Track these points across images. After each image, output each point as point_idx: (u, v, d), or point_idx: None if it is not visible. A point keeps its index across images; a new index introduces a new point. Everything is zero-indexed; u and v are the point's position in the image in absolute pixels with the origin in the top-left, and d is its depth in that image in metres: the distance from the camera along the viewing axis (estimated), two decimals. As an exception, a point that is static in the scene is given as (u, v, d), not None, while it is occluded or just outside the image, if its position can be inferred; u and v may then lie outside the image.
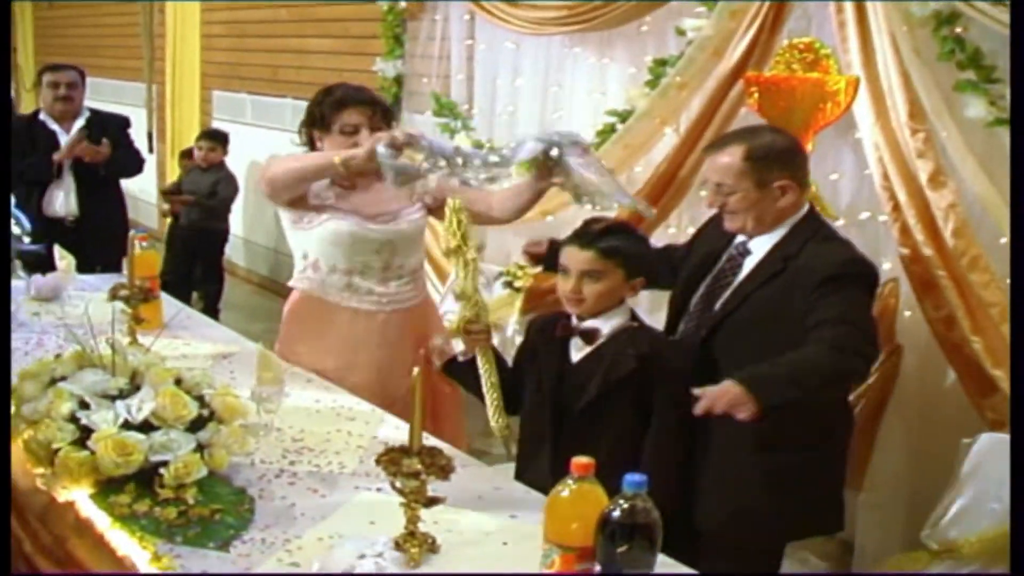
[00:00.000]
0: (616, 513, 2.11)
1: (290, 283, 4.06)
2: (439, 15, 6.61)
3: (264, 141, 9.22)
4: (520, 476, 3.28)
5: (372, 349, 3.96)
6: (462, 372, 3.34)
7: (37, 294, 4.69)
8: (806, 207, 3.48)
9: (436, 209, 3.92)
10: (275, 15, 9.20)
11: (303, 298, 4.03)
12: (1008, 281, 4.04)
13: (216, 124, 9.53)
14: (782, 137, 3.57)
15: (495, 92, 6.31)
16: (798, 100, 4.50)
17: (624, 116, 5.22)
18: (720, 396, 2.90)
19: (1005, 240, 3.94)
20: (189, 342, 4.11)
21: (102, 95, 11.95)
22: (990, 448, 3.68)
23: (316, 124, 3.92)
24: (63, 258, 4.91)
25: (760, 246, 3.42)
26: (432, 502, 2.45)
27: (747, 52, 4.72)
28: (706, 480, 3.35)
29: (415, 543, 2.39)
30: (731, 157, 3.40)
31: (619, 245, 3.27)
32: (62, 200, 6.84)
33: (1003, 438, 3.64)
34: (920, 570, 3.87)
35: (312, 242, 3.93)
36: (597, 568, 2.14)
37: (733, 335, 3.36)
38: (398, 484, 2.43)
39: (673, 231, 5.06)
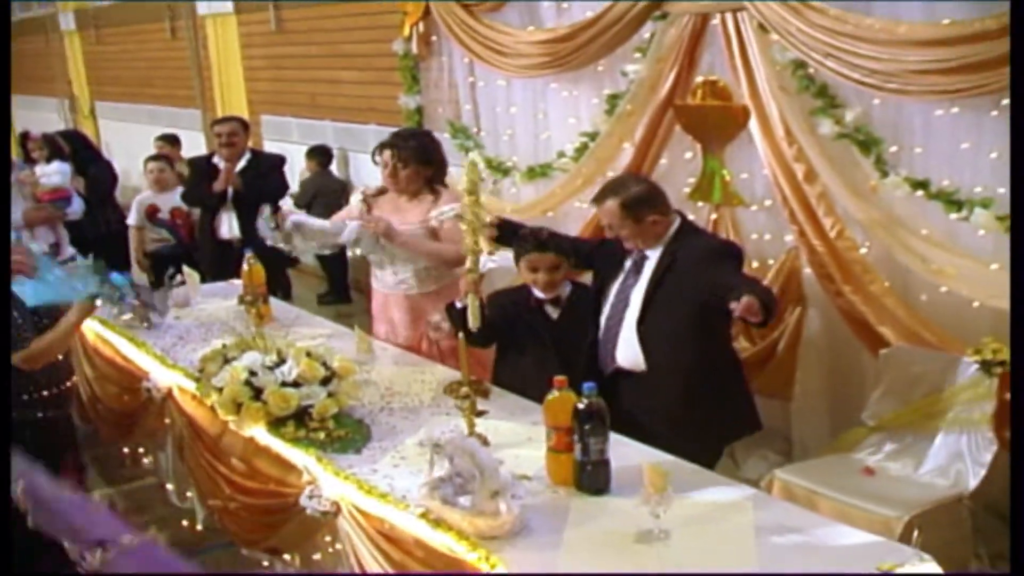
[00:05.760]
0: (582, 406, 3.55)
1: None
2: (444, 57, 7.93)
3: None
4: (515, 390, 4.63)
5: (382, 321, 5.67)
6: (457, 312, 4.53)
7: (174, 302, 6.18)
8: (678, 220, 4.56)
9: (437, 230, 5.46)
10: (307, 51, 10.49)
11: None
12: (863, 250, 5.44)
13: (267, 144, 10.78)
14: (644, 184, 4.65)
15: (496, 118, 7.60)
16: (711, 122, 5.93)
17: (593, 136, 6.63)
18: (748, 304, 3.89)
19: (860, 216, 5.31)
20: (297, 330, 5.62)
21: (159, 121, 13.26)
22: (899, 353, 5.12)
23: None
24: (190, 275, 6.46)
25: (653, 253, 4.51)
26: (480, 413, 4.06)
27: (673, 86, 6.10)
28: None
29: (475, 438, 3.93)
30: (611, 207, 4.49)
31: (562, 243, 4.84)
32: (226, 226, 7.86)
33: (907, 347, 5.13)
34: (858, 441, 5.17)
35: None
36: (576, 438, 3.57)
37: (658, 316, 4.44)
38: (457, 404, 4.06)
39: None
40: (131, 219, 8.68)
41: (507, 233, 4.96)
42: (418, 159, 5.48)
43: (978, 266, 4.94)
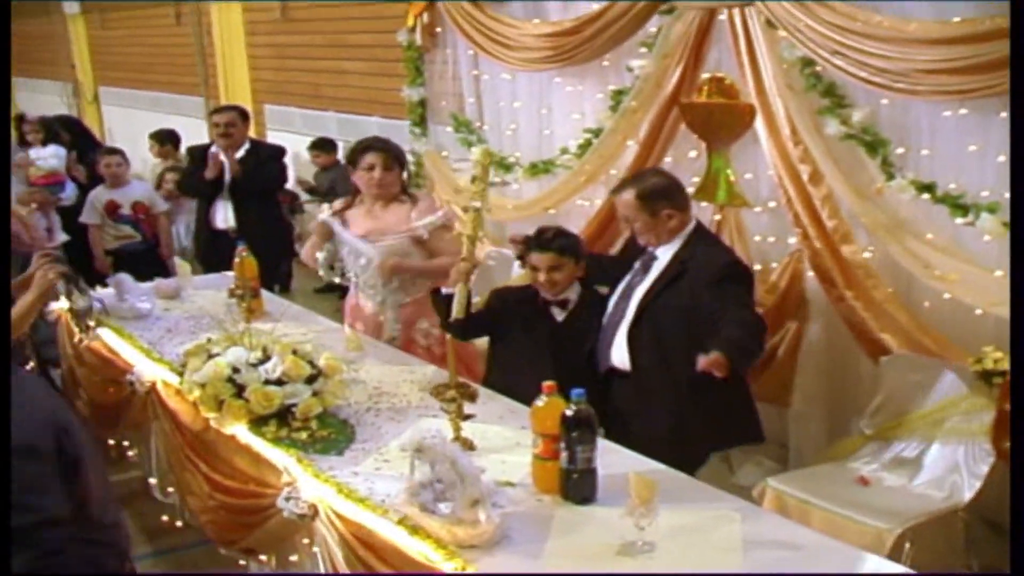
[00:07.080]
0: (570, 412, 3.44)
1: None
2: (449, 49, 7.87)
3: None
4: (508, 393, 4.46)
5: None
6: (442, 300, 4.43)
7: (163, 294, 6.10)
8: (694, 222, 4.52)
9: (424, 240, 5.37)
10: (312, 40, 10.44)
11: None
12: (867, 254, 5.38)
13: (270, 135, 10.75)
14: (663, 178, 4.64)
15: (499, 112, 7.55)
16: (715, 120, 5.82)
17: (597, 133, 6.55)
18: (715, 361, 3.89)
19: (865, 220, 5.26)
20: (287, 324, 5.40)
21: (162, 108, 13.23)
22: (899, 362, 5.09)
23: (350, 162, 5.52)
24: (182, 265, 6.39)
25: (664, 253, 4.47)
26: (466, 417, 3.95)
27: (679, 83, 6.03)
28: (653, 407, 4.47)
29: (460, 442, 3.85)
30: (627, 197, 4.50)
31: (567, 243, 4.70)
32: (222, 216, 7.79)
33: (907, 355, 5.08)
34: (854, 450, 5.11)
35: None
36: (563, 446, 3.46)
37: (652, 322, 4.41)
38: (444, 407, 3.96)
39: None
40: (86, 216, 8.40)
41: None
42: (399, 161, 5.46)
43: (982, 273, 4.85)
